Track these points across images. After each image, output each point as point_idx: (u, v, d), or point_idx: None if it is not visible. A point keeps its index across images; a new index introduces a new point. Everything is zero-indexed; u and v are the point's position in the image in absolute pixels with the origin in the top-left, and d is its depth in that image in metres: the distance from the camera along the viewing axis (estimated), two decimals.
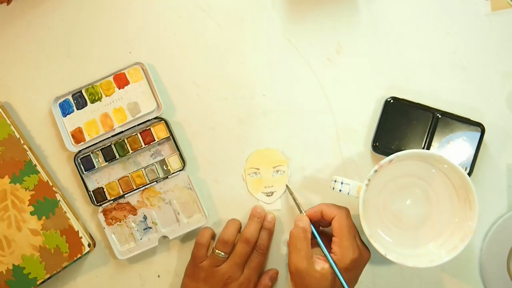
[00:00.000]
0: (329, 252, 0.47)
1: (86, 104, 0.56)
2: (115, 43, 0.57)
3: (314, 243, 0.49)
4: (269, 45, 0.56)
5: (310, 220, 0.50)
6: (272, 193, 0.55)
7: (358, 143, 0.55)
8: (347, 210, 0.49)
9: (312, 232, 0.49)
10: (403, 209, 0.50)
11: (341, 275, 0.45)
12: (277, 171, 0.55)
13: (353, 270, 0.47)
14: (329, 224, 0.49)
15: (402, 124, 0.53)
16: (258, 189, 0.55)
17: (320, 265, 0.46)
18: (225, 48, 0.56)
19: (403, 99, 0.53)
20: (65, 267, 0.54)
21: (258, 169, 0.56)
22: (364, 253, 0.48)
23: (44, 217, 0.54)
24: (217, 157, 0.56)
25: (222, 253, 0.52)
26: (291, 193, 0.54)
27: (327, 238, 0.49)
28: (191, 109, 0.56)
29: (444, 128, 0.52)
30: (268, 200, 0.55)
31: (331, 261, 0.46)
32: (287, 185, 0.55)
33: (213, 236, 0.55)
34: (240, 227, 0.55)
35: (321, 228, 0.53)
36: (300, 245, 0.47)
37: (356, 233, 0.48)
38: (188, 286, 0.52)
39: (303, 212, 0.51)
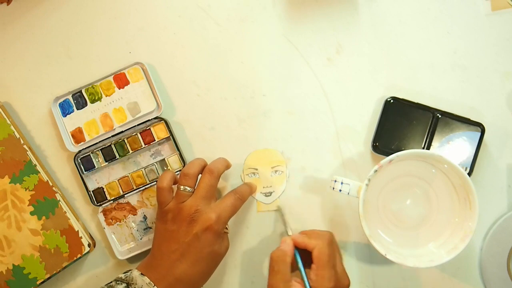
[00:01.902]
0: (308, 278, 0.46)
1: (86, 104, 0.56)
2: (115, 43, 0.57)
3: (296, 264, 0.48)
4: (269, 45, 0.56)
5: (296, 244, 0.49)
6: (271, 193, 0.55)
7: (358, 143, 0.55)
8: (329, 238, 0.47)
9: (295, 256, 0.48)
10: (403, 209, 0.50)
11: None
12: (276, 171, 0.55)
13: None
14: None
15: (402, 124, 0.53)
16: (257, 189, 0.55)
17: None
18: (225, 48, 0.56)
19: (403, 99, 0.53)
20: (65, 267, 0.54)
21: (256, 169, 0.56)
22: (343, 282, 0.47)
23: (44, 217, 0.54)
24: (217, 157, 0.56)
25: (188, 188, 0.49)
26: (282, 215, 0.54)
27: (310, 262, 0.48)
28: (191, 109, 0.56)
29: (444, 128, 0.52)
30: (266, 200, 0.55)
31: (307, 286, 0.45)
32: (279, 206, 0.55)
33: (175, 181, 0.52)
34: (205, 165, 0.52)
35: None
36: (277, 268, 0.46)
37: (337, 261, 0.47)
38: (158, 229, 0.50)
39: (290, 233, 0.51)
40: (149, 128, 0.55)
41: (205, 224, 0.48)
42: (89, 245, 0.54)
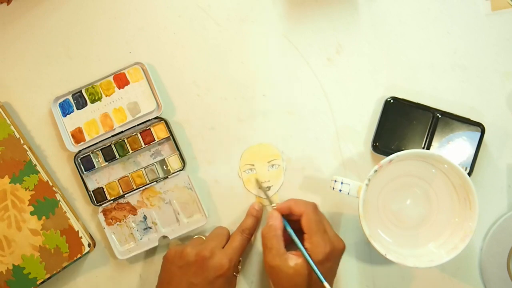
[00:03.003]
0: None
1: (86, 104, 0.56)
2: (115, 43, 0.57)
3: (289, 239, 0.48)
4: (269, 45, 0.56)
5: (283, 215, 0.50)
6: (269, 187, 0.55)
7: (358, 143, 0.55)
8: (314, 205, 0.49)
9: (285, 227, 0.49)
10: (403, 209, 0.50)
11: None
12: (273, 165, 0.55)
13: (328, 263, 0.46)
14: (298, 220, 0.49)
15: (402, 124, 0.53)
16: (255, 185, 0.55)
17: (294, 261, 0.46)
18: (225, 48, 0.56)
19: (403, 99, 0.53)
20: (65, 267, 0.54)
21: (253, 165, 0.56)
22: (337, 244, 0.47)
23: (44, 217, 0.54)
24: (217, 157, 0.56)
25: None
26: (260, 187, 0.54)
27: (301, 234, 0.48)
28: (191, 109, 0.56)
29: (444, 128, 0.52)
30: (265, 195, 0.55)
31: (304, 253, 0.46)
32: (256, 179, 0.55)
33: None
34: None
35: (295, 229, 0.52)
36: (270, 244, 0.47)
37: (326, 226, 0.48)
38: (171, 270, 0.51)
39: (274, 205, 0.51)
40: (149, 128, 0.55)
41: (218, 272, 0.48)
42: (89, 245, 0.54)
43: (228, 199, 0.56)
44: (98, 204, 0.55)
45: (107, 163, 0.56)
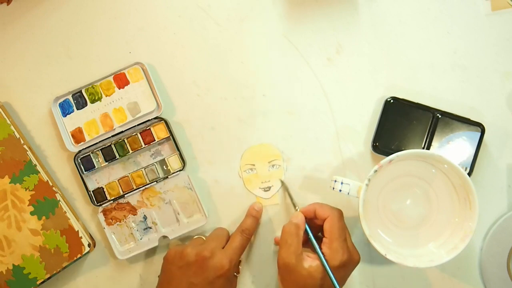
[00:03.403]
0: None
1: (86, 104, 0.56)
2: (115, 43, 0.57)
3: (306, 242, 0.49)
4: (269, 45, 0.56)
5: (305, 218, 0.50)
6: (270, 187, 0.55)
7: (358, 143, 0.55)
8: (340, 212, 0.49)
9: (306, 230, 0.49)
10: (403, 209, 0.50)
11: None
12: (273, 165, 0.55)
13: (342, 271, 0.47)
14: (320, 225, 0.49)
15: (402, 124, 0.53)
16: (255, 185, 0.55)
17: (308, 263, 0.46)
18: (225, 48, 0.56)
19: (403, 99, 0.53)
20: (65, 267, 0.54)
21: (253, 165, 0.56)
22: (354, 255, 0.48)
23: (44, 217, 0.54)
24: (217, 157, 0.56)
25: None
26: (286, 189, 0.54)
27: (319, 240, 0.48)
28: (191, 109, 0.56)
29: (444, 128, 0.52)
30: (265, 195, 0.55)
31: (322, 258, 0.46)
32: (281, 181, 0.55)
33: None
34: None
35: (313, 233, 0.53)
36: (291, 241, 0.47)
37: (347, 235, 0.48)
38: (171, 271, 0.51)
39: (298, 208, 0.51)
40: (149, 128, 0.55)
41: (219, 272, 0.48)
42: (89, 245, 0.54)
43: (228, 199, 0.56)
44: (98, 204, 0.55)
45: (107, 163, 0.56)
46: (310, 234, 0.48)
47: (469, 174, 0.52)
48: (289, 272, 0.46)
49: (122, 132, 0.55)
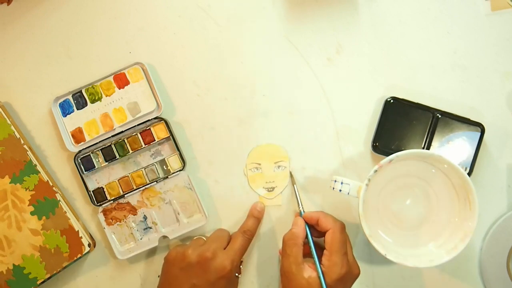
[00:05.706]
0: (320, 263, 0.47)
1: (86, 104, 0.56)
2: (115, 43, 0.57)
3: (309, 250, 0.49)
4: (269, 45, 0.56)
5: (307, 223, 0.50)
6: (273, 188, 0.55)
7: (358, 143, 0.55)
8: (342, 225, 0.49)
9: (307, 237, 0.49)
10: (403, 209, 0.50)
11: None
12: (279, 166, 0.55)
13: (340, 285, 0.46)
14: (322, 235, 0.49)
15: (402, 124, 0.53)
16: (259, 184, 0.55)
17: (308, 273, 0.46)
18: (225, 48, 0.56)
19: (403, 99, 0.53)
20: (65, 267, 0.54)
21: (259, 164, 0.56)
22: (354, 269, 0.48)
23: (44, 217, 0.54)
24: (217, 157, 0.56)
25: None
26: (294, 183, 0.54)
27: (320, 249, 0.48)
28: (191, 109, 0.56)
29: (444, 128, 0.52)
30: (269, 195, 0.55)
31: (319, 271, 0.46)
32: (290, 173, 0.55)
33: None
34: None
35: (315, 239, 0.52)
36: (290, 251, 0.48)
37: (348, 249, 0.48)
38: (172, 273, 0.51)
39: (301, 208, 0.51)
40: (149, 128, 0.55)
41: (221, 273, 0.48)
42: (89, 245, 0.54)
43: (228, 199, 0.56)
44: (98, 204, 0.55)
45: (107, 163, 0.56)
46: (311, 245, 0.49)
47: (469, 174, 0.52)
48: (289, 281, 0.47)
49: (122, 132, 0.55)
